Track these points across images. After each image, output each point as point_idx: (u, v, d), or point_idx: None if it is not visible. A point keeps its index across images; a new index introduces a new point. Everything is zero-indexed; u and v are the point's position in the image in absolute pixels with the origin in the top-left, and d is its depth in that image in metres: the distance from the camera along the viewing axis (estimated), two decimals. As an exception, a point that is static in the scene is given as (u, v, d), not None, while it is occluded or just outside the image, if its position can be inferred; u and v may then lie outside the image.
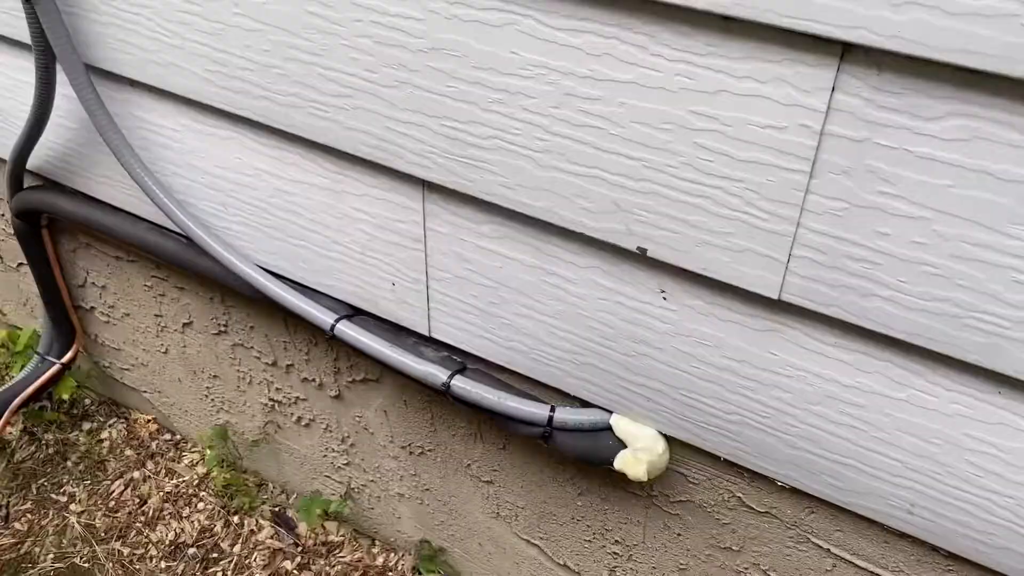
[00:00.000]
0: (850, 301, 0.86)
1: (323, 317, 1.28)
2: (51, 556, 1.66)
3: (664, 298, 0.99)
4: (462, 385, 1.19)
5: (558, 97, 0.91)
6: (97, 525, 1.71)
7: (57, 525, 1.72)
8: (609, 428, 1.14)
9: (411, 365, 1.22)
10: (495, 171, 1.00)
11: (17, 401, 1.72)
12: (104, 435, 1.89)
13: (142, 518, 1.73)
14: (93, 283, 1.71)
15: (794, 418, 0.99)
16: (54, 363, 1.78)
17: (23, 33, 1.33)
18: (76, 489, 1.78)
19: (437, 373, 1.20)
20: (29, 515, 1.74)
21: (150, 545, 1.67)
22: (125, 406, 1.95)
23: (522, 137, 0.96)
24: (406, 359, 1.22)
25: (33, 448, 1.87)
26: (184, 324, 1.62)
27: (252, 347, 1.55)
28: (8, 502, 1.76)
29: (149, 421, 1.91)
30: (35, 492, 1.78)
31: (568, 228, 1.00)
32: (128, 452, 1.85)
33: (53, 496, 1.77)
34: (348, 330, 1.26)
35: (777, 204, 0.84)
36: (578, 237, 1.01)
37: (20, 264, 1.83)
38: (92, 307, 1.77)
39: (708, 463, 1.14)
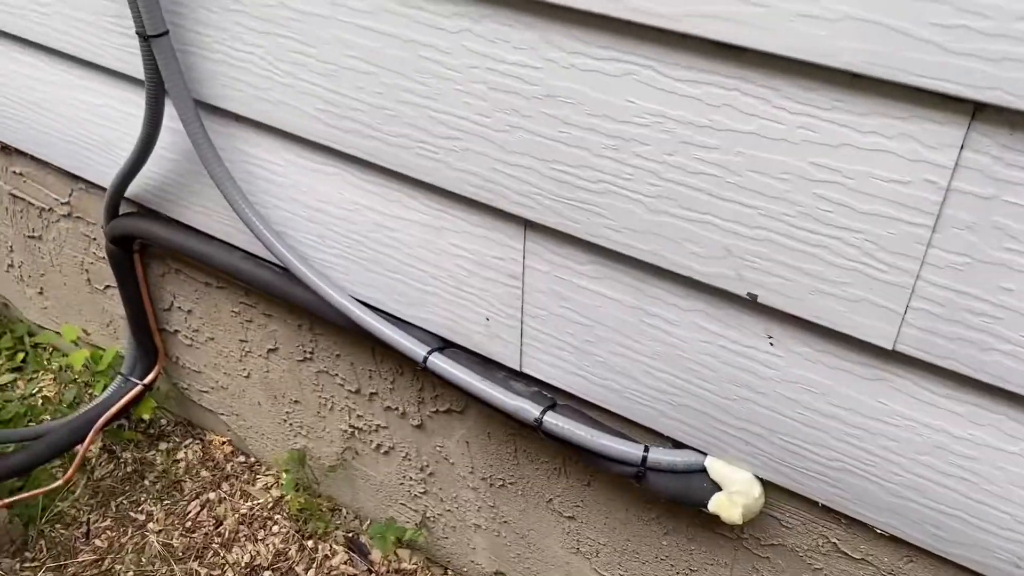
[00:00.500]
0: (968, 354, 0.86)
1: (416, 349, 1.30)
2: (131, 574, 1.69)
3: (771, 344, 1.00)
4: (554, 421, 1.20)
5: (674, 145, 0.93)
6: (175, 545, 1.75)
7: (136, 543, 1.75)
8: (703, 470, 1.14)
9: (503, 400, 1.24)
10: (603, 214, 1.03)
11: (102, 420, 1.77)
12: (180, 455, 1.93)
13: (218, 539, 1.76)
14: (179, 307, 1.76)
15: (900, 467, 0.98)
16: (136, 384, 1.83)
17: (133, 69, 1.39)
18: (154, 508, 1.82)
19: (529, 408, 1.22)
20: (109, 532, 1.78)
21: (227, 567, 1.70)
22: (201, 427, 1.99)
23: (633, 182, 0.98)
24: (498, 393, 1.24)
25: (112, 466, 1.92)
26: (269, 350, 1.66)
27: (336, 375, 1.58)
28: (89, 519, 1.80)
29: (224, 443, 1.95)
30: (114, 510, 1.82)
31: (674, 271, 1.01)
32: (204, 473, 1.89)
33: (132, 514, 1.81)
34: (440, 363, 1.28)
35: (897, 256, 0.85)
36: (683, 280, 1.02)
37: (107, 287, 1.88)
38: (176, 330, 1.81)
39: (804, 508, 1.14)
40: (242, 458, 1.93)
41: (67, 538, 1.76)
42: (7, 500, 1.66)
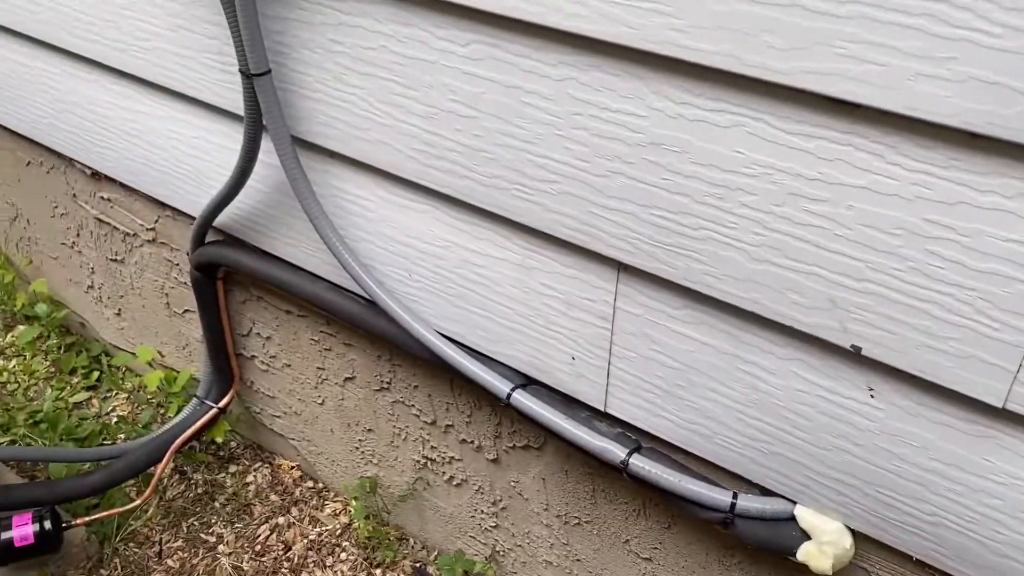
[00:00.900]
0: (1083, 415, 0.85)
1: (499, 385, 1.32)
2: (202, 595, 1.72)
3: (871, 396, 0.99)
4: (641, 464, 1.21)
5: (782, 196, 0.93)
6: (245, 568, 1.77)
7: (207, 565, 1.78)
8: (792, 518, 1.14)
9: (587, 440, 1.24)
10: (702, 260, 1.03)
11: (178, 442, 1.80)
12: (250, 479, 1.96)
13: (287, 564, 1.78)
14: (258, 333, 1.80)
15: (1003, 525, 0.97)
16: (211, 407, 1.87)
17: (229, 104, 1.44)
18: (224, 531, 1.85)
19: (615, 450, 1.22)
20: (181, 553, 1.81)
21: (296, 592, 1.72)
22: (270, 451, 2.02)
23: (737, 231, 0.99)
24: (582, 433, 1.25)
25: (183, 487, 1.95)
26: (346, 378, 1.68)
27: (413, 405, 1.60)
28: (161, 539, 1.84)
29: (293, 467, 1.98)
30: (186, 530, 1.86)
31: (774, 320, 1.02)
32: (273, 497, 1.92)
33: (203, 536, 1.84)
34: (524, 400, 1.29)
35: (1011, 315, 0.85)
36: (783, 329, 1.02)
37: (186, 311, 1.93)
38: (253, 356, 1.85)
39: (895, 561, 1.12)
40: (310, 483, 1.95)
41: (140, 557, 1.80)
42: (85, 518, 1.70)
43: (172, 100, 1.55)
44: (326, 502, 1.91)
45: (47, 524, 1.62)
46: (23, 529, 1.60)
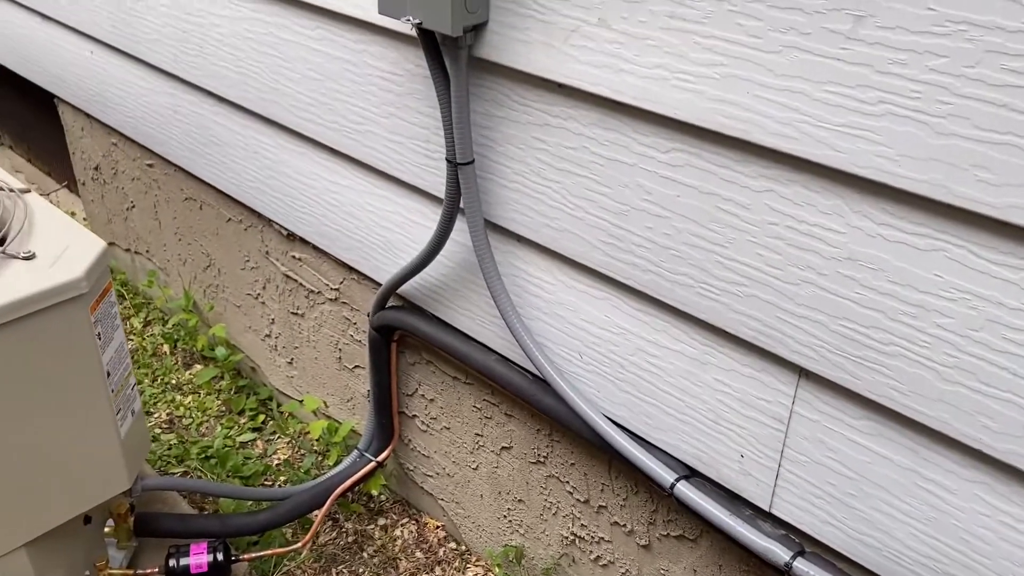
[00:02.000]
0: None
1: (663, 474, 1.35)
2: (348, 641, 1.80)
3: (1064, 530, 0.98)
4: (804, 569, 1.21)
5: (981, 322, 0.95)
6: (389, 620, 1.85)
7: (354, 612, 1.87)
8: (965, 644, 1.11)
9: (751, 538, 1.26)
10: (889, 375, 1.05)
11: (339, 490, 1.92)
12: (397, 533, 2.05)
13: (428, 621, 1.84)
14: (422, 395, 1.90)
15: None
16: (371, 460, 1.98)
17: (428, 185, 1.57)
18: (371, 581, 1.94)
19: (779, 552, 1.23)
20: (329, 597, 1.91)
21: (435, 650, 1.78)
22: (418, 509, 2.11)
23: (929, 351, 1.01)
24: (746, 531, 1.27)
25: (335, 534, 2.06)
26: (503, 448, 1.76)
27: (567, 482, 1.65)
28: (312, 581, 1.94)
29: (438, 527, 2.05)
30: (335, 576, 1.95)
31: (960, 441, 1.02)
32: (418, 554, 2.00)
33: (351, 583, 1.94)
34: (688, 491, 1.32)
35: None
36: (969, 451, 1.02)
37: (356, 367, 2.06)
38: (414, 415, 1.96)
39: None
40: (453, 544, 2.02)
41: (293, 596, 1.90)
42: (251, 555, 1.82)
43: (374, 177, 1.70)
44: (468, 565, 1.97)
45: (219, 556, 1.75)
46: (199, 557, 1.74)
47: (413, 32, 1.41)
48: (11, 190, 1.63)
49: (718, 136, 1.11)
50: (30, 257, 1.43)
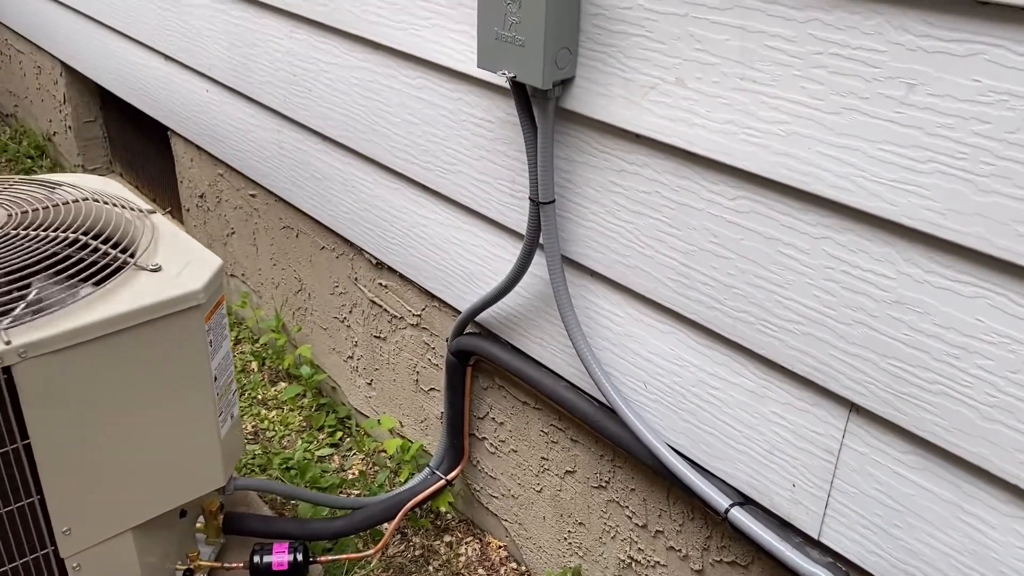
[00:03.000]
0: None
1: (719, 499, 1.44)
2: (411, 647, 1.91)
3: (1097, 564, 1.04)
4: (850, 594, 1.28)
5: (1018, 364, 1.03)
6: (450, 630, 1.95)
7: (418, 620, 1.98)
8: (1002, 675, 1.17)
9: (801, 564, 1.34)
10: (933, 412, 1.14)
11: (410, 504, 2.04)
12: (461, 550, 2.16)
13: (487, 634, 1.94)
14: (493, 418, 2.02)
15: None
16: (441, 478, 2.10)
17: (511, 222, 1.71)
18: (435, 592, 2.05)
19: (826, 577, 1.31)
20: (396, 605, 2.02)
21: (493, 662, 1.87)
22: (481, 528, 2.22)
23: (971, 390, 1.09)
24: (796, 557, 1.34)
25: (403, 547, 2.18)
26: (567, 472, 1.86)
27: (627, 507, 1.74)
28: (380, 589, 2.06)
29: (500, 547, 2.16)
30: (402, 586, 2.07)
31: (1000, 477, 1.09)
32: (480, 571, 2.10)
33: (416, 593, 2.05)
34: (741, 517, 1.41)
35: None
36: (1009, 487, 1.10)
37: (432, 389, 2.20)
38: (484, 438, 2.08)
39: None
40: (514, 565, 2.12)
41: (362, 602, 2.02)
42: (327, 558, 1.96)
43: (461, 213, 1.85)
44: (527, 584, 2.06)
45: (299, 556, 1.88)
46: (281, 556, 1.88)
47: (506, 84, 1.57)
48: (139, 210, 1.83)
49: (781, 186, 1.22)
50: (157, 269, 1.61)
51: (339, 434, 2.55)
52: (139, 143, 3.65)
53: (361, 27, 1.91)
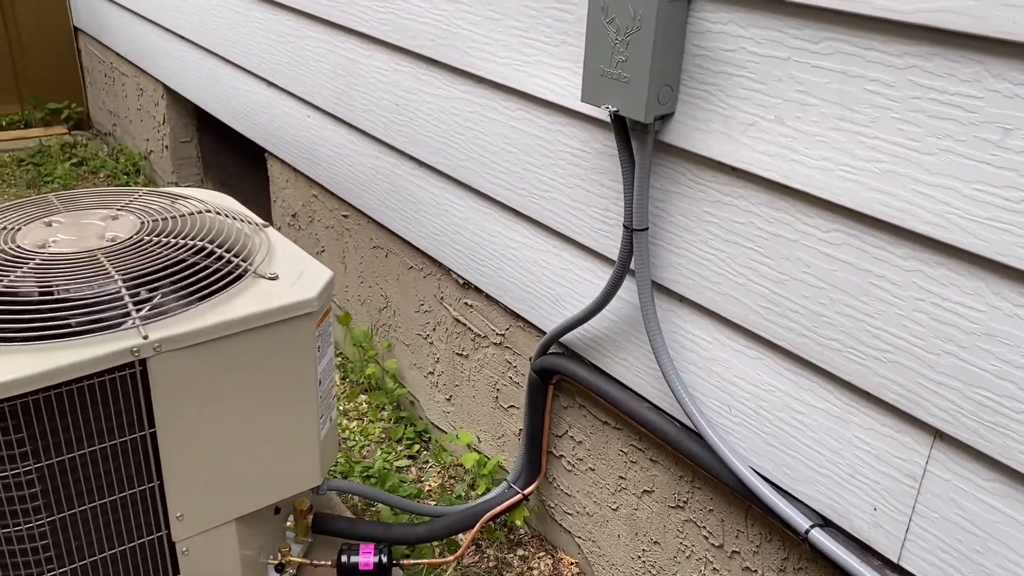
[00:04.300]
0: None
1: (799, 521, 1.50)
2: (485, 653, 1.98)
3: None
4: (930, 617, 1.32)
5: (1107, 397, 1.09)
6: (523, 639, 2.01)
7: (492, 628, 2.05)
8: None
9: (880, 584, 1.38)
10: (1019, 440, 1.19)
11: (488, 515, 2.12)
12: (533, 564, 2.23)
13: (559, 646, 2.00)
14: (571, 436, 2.10)
15: None
16: (517, 492, 2.18)
17: (601, 247, 1.80)
18: (508, 603, 2.12)
19: (906, 599, 1.35)
20: (470, 612, 2.10)
21: (565, 672, 1.93)
22: (553, 544, 2.29)
23: (1058, 420, 1.14)
24: (876, 578, 1.39)
25: (477, 557, 2.26)
26: (644, 491, 1.93)
27: (704, 527, 1.80)
28: (456, 596, 2.14)
29: (572, 564, 2.22)
30: (476, 595, 2.15)
31: (1085, 506, 1.14)
32: (552, 585, 2.17)
33: (490, 603, 2.12)
34: (822, 538, 1.46)
35: None
36: (1094, 516, 1.14)
37: (511, 407, 2.29)
38: (561, 455, 2.16)
39: None
40: (585, 581, 2.18)
41: (438, 607, 2.11)
42: (409, 561, 2.05)
43: (551, 238, 1.95)
44: (598, 600, 2.12)
45: (384, 558, 1.98)
46: (367, 557, 1.97)
47: (607, 118, 1.67)
48: (255, 224, 1.97)
49: (875, 221, 1.29)
50: (274, 278, 1.74)
51: (416, 447, 2.65)
52: (233, 163, 3.85)
53: (466, 61, 2.04)
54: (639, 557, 2.00)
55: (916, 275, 1.26)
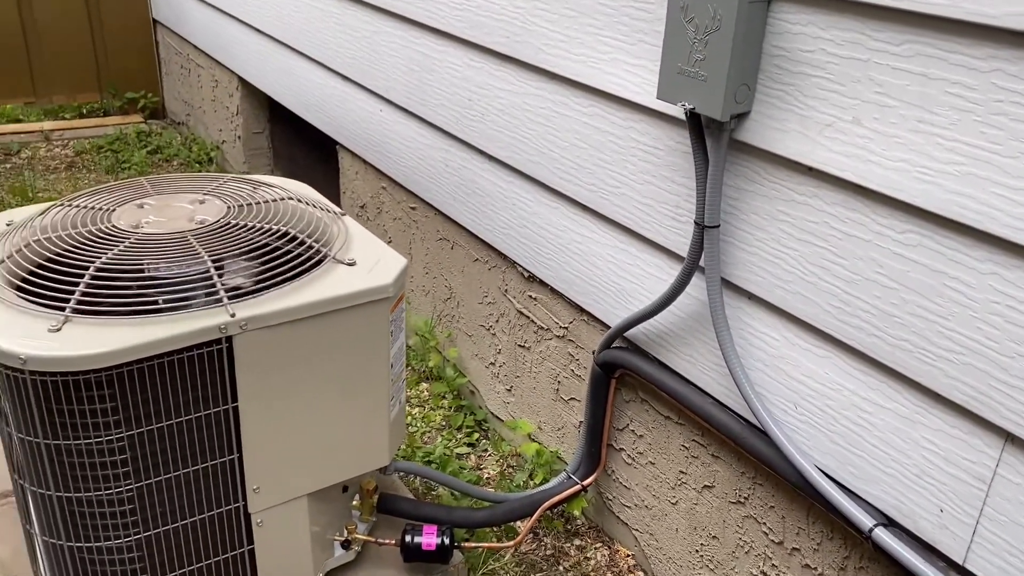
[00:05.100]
0: None
1: (863, 519, 1.51)
2: (542, 638, 2.02)
3: None
4: (995, 619, 1.33)
5: None
6: (579, 626, 2.05)
7: (548, 614, 2.09)
8: None
9: (945, 585, 1.39)
10: (1095, 446, 1.19)
11: (548, 504, 2.17)
12: (590, 554, 2.27)
13: (614, 635, 2.03)
14: (632, 430, 2.13)
15: None
16: (576, 483, 2.22)
17: (670, 244, 1.83)
18: (565, 590, 2.16)
19: (971, 600, 1.36)
20: (527, 598, 2.14)
21: (620, 660, 1.96)
22: (609, 536, 2.32)
23: None
24: (940, 579, 1.40)
25: (535, 545, 2.30)
26: (705, 486, 1.95)
27: (764, 523, 1.82)
28: (513, 582, 2.19)
29: (628, 556, 2.25)
30: (532, 581, 2.19)
31: None
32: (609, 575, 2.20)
33: (546, 590, 2.17)
34: (886, 537, 1.47)
35: None
36: None
37: (571, 399, 2.33)
38: (621, 448, 2.19)
39: None
40: (641, 574, 2.21)
41: (495, 591, 2.16)
42: (470, 544, 2.10)
43: (619, 233, 1.98)
44: (654, 593, 2.15)
45: (446, 540, 2.03)
46: (430, 538, 2.03)
47: (682, 115, 1.70)
48: (332, 212, 2.04)
49: (951, 223, 1.30)
50: (352, 264, 1.80)
51: (476, 435, 2.71)
52: (303, 155, 3.96)
53: (540, 58, 2.08)
54: (696, 551, 2.03)
55: (992, 278, 1.26)
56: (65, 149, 4.90)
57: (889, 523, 1.52)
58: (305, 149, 3.88)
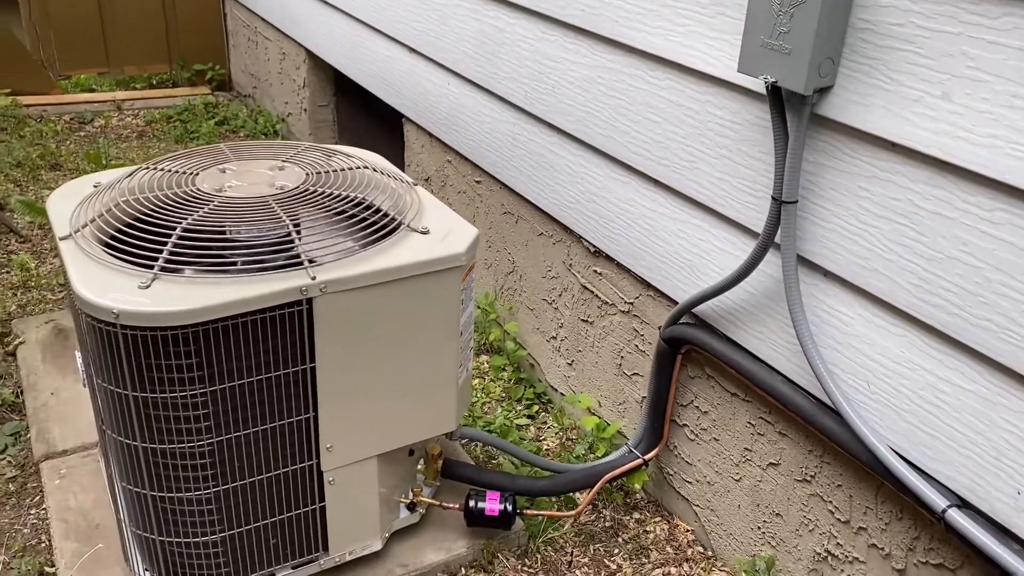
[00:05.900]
0: None
1: (936, 500, 1.50)
2: (600, 607, 2.05)
3: None
4: (1073, 604, 1.31)
5: None
6: (637, 597, 2.07)
7: (607, 584, 2.12)
8: None
9: (1022, 572, 1.37)
10: None
11: (609, 475, 2.19)
12: (649, 527, 2.28)
13: (673, 607, 2.05)
14: (697, 406, 2.14)
15: None
16: (638, 457, 2.23)
17: (744, 219, 1.82)
18: (624, 563, 2.18)
19: (1048, 584, 1.34)
20: (586, 569, 2.17)
21: (678, 632, 1.98)
22: (669, 511, 2.33)
23: None
24: (1019, 564, 1.38)
25: (594, 516, 2.33)
26: (770, 463, 1.95)
27: (830, 502, 1.81)
28: (572, 552, 2.21)
29: (687, 531, 2.26)
30: (592, 552, 2.22)
31: None
32: (668, 549, 2.22)
33: (606, 562, 2.19)
34: (959, 518, 1.46)
35: None
36: None
37: (634, 374, 2.34)
38: (684, 424, 2.19)
39: None
40: (701, 548, 2.22)
41: (555, 561, 2.18)
42: (532, 511, 2.13)
43: (691, 207, 1.98)
44: (714, 569, 2.16)
45: (508, 506, 2.07)
46: (493, 504, 2.07)
47: (762, 89, 1.69)
48: (405, 182, 2.07)
49: (1044, 201, 1.27)
50: (426, 232, 1.83)
51: (535, 407, 2.73)
52: (368, 127, 4.01)
53: (616, 31, 2.08)
54: (759, 528, 2.03)
55: (1086, 257, 1.24)
56: (136, 119, 5.03)
57: (963, 504, 1.50)
58: (370, 122, 3.92)
